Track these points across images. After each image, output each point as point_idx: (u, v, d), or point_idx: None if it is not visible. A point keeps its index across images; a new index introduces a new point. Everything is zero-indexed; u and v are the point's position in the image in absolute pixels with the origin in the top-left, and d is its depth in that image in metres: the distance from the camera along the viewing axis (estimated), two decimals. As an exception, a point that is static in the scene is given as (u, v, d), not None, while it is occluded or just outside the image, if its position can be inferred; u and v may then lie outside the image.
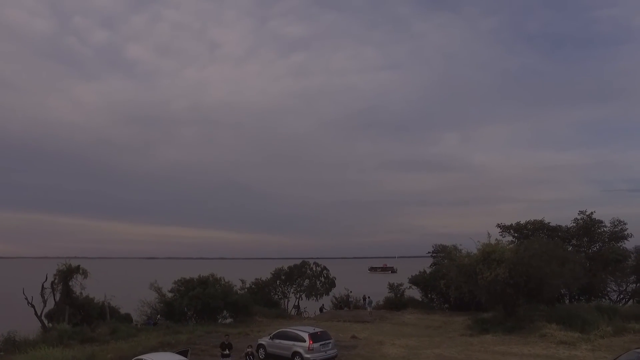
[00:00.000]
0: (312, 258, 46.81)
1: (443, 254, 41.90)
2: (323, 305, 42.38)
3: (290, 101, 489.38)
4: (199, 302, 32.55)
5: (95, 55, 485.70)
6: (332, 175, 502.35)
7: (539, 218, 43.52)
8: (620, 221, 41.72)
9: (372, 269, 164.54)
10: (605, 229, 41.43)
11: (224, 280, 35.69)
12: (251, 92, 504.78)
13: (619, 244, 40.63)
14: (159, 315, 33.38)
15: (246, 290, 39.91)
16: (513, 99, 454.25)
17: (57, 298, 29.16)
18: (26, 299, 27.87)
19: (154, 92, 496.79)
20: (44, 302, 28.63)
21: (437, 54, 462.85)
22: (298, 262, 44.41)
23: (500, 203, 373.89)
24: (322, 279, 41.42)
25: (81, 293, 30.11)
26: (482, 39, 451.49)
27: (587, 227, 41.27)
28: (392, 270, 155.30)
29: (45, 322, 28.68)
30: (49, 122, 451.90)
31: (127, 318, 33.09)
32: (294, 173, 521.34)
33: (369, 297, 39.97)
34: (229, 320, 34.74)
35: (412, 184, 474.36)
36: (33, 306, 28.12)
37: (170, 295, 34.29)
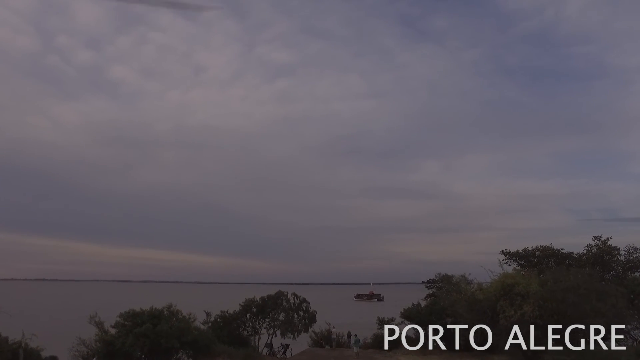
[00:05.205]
0: (291, 283, 41.53)
1: (441, 283, 36.70)
2: (281, 344, 35.16)
3: (273, 126, 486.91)
4: (147, 341, 26.53)
5: (78, 75, 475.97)
6: (314, 201, 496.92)
7: (546, 244, 39.20)
8: (635, 249, 37.55)
9: (358, 297, 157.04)
10: (620, 257, 37.33)
11: (182, 313, 29.57)
12: (235, 116, 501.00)
13: (635, 274, 36.43)
14: (95, 358, 26.88)
15: (210, 324, 33.69)
16: (493, 129, 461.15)
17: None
18: None
19: (137, 113, 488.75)
20: None
21: (421, 83, 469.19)
22: (278, 287, 38.53)
23: (479, 231, 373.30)
24: (301, 313, 35.16)
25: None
26: (464, 70, 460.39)
27: (602, 255, 36.98)
28: (379, 298, 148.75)
29: None
30: (25, 140, 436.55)
31: (52, 362, 26.48)
32: (275, 197, 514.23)
33: (355, 335, 33.96)
34: (185, 363, 28.63)
35: (392, 210, 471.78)
36: None
37: (113, 331, 27.99)
